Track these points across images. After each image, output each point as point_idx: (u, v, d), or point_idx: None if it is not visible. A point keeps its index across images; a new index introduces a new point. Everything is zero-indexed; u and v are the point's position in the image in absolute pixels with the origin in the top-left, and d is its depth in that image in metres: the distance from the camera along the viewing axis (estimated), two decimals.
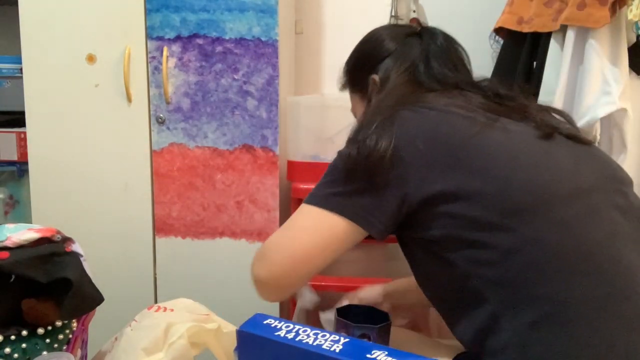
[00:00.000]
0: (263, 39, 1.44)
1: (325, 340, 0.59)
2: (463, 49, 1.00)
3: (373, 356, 0.56)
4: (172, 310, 0.91)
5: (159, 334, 0.84)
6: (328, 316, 1.07)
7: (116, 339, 0.92)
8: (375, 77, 0.97)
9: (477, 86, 0.91)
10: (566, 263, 0.70)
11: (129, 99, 1.48)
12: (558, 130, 0.82)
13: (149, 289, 1.55)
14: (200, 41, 1.45)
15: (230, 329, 0.93)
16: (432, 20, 1.92)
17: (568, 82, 1.34)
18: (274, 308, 1.54)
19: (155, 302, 1.56)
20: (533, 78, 1.46)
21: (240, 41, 1.45)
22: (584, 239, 0.71)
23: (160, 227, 1.53)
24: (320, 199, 0.81)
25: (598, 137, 1.30)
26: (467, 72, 0.98)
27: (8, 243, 0.78)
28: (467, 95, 0.87)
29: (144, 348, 0.82)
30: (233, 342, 0.91)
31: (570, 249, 0.70)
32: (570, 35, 1.32)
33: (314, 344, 0.58)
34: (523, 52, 1.49)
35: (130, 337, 0.85)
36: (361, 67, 1.03)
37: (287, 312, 1.56)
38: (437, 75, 0.92)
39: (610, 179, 0.80)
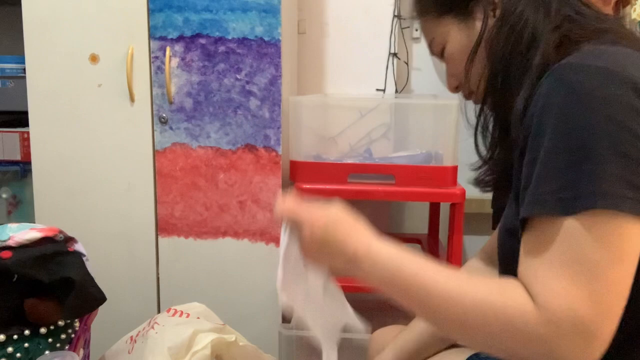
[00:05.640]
0: (266, 38, 1.44)
1: None
2: None
3: None
4: (187, 315, 0.93)
5: (185, 340, 0.85)
6: None
7: (132, 339, 0.92)
8: None
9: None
10: None
11: (132, 99, 1.48)
12: None
13: (151, 288, 1.55)
14: (203, 41, 1.45)
15: (244, 342, 0.94)
16: None
17: None
18: (275, 310, 1.54)
19: (158, 301, 1.56)
20: None
21: (242, 41, 1.45)
22: None
23: (163, 226, 1.53)
24: (592, 197, 0.54)
25: None
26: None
27: (11, 242, 0.78)
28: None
29: (170, 352, 0.83)
30: (246, 356, 0.92)
31: None
32: None
33: None
34: None
35: (156, 339, 0.86)
36: None
37: (289, 316, 1.56)
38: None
39: None
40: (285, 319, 1.54)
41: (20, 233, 0.79)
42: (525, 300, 0.55)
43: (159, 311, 1.56)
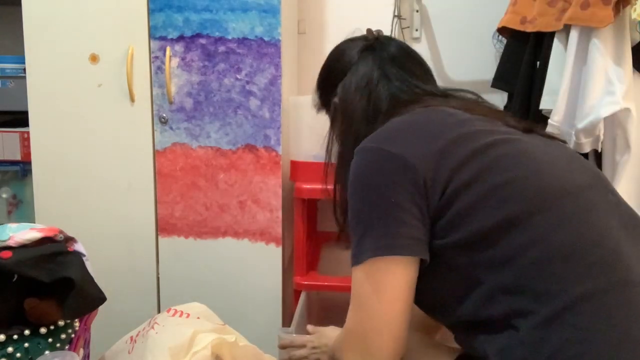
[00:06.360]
0: (266, 38, 1.44)
1: None
2: (419, 56, 1.01)
3: None
4: (188, 315, 0.93)
5: (185, 340, 0.85)
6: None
7: (132, 339, 0.92)
8: (336, 101, 0.98)
9: (437, 93, 0.94)
10: (572, 258, 0.71)
11: (132, 99, 1.48)
12: (535, 130, 0.87)
13: (151, 288, 1.55)
14: (203, 41, 1.45)
15: (244, 342, 0.94)
16: (435, 19, 1.92)
17: (571, 82, 1.33)
18: (275, 310, 1.54)
19: (158, 301, 1.56)
20: (536, 78, 1.45)
21: (243, 41, 1.45)
22: (587, 234, 0.73)
23: (163, 226, 1.53)
24: (366, 252, 0.78)
25: (602, 137, 1.30)
26: (427, 78, 0.99)
27: (11, 242, 0.78)
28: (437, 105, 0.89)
29: (171, 352, 0.83)
30: (246, 356, 0.92)
31: (575, 244, 0.72)
32: (574, 34, 1.32)
33: None
34: (526, 51, 1.49)
35: (156, 339, 0.86)
36: (325, 87, 1.04)
37: (289, 316, 1.56)
38: (395, 90, 0.93)
39: (599, 177, 0.82)
40: (285, 323, 1.55)
41: (20, 233, 0.79)
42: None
43: (159, 311, 1.56)
